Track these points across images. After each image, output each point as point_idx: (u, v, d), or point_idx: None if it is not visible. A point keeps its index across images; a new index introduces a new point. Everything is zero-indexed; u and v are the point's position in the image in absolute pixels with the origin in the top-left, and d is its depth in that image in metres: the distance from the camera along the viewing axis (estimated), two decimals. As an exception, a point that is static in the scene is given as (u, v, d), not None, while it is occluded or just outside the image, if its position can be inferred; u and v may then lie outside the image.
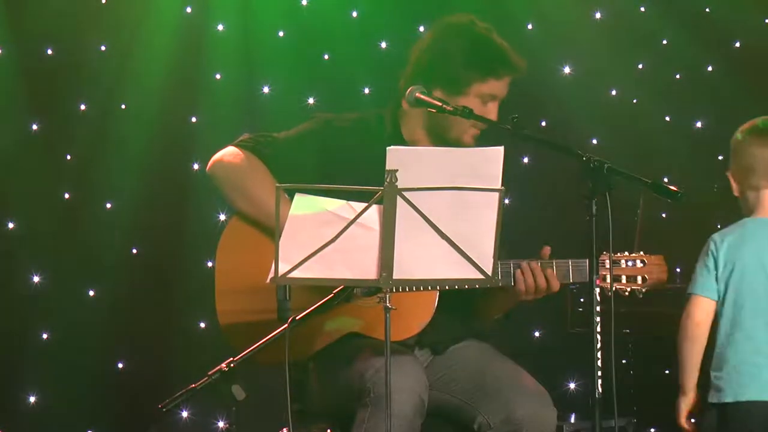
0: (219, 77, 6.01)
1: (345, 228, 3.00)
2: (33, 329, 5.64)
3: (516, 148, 5.28)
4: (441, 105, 3.57)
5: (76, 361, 5.66)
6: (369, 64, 6.00)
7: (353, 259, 3.03)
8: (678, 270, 4.46)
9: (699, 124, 6.11)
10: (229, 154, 3.73)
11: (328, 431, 3.68)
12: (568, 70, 6.37)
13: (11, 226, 5.62)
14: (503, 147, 3.02)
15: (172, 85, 5.82)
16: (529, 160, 6.08)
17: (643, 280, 3.53)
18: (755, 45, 5.86)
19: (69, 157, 5.77)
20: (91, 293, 5.79)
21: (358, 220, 3.01)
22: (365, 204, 2.99)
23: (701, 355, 3.91)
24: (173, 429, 5.83)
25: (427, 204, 3.02)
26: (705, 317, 3.85)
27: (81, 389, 5.64)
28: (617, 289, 3.50)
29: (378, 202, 2.98)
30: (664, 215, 5.56)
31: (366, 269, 3.04)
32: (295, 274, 2.99)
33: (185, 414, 5.79)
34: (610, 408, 3.60)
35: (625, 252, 3.59)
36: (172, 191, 5.70)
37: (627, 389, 5.51)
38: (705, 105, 6.08)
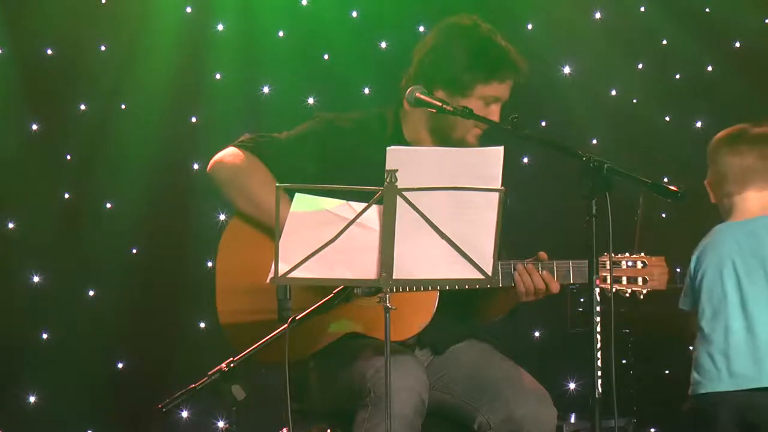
0: (219, 77, 6.01)
1: (345, 228, 3.00)
2: (33, 329, 5.65)
3: (516, 148, 5.29)
4: (441, 105, 3.57)
5: (75, 361, 5.66)
6: (369, 64, 6.00)
7: (353, 259, 3.04)
8: (678, 270, 4.45)
9: (699, 124, 6.11)
10: (230, 154, 3.73)
11: (328, 431, 3.68)
12: (568, 70, 6.38)
13: (11, 226, 5.63)
14: (503, 147, 3.02)
15: (172, 85, 5.82)
16: (529, 160, 6.09)
17: (644, 281, 3.53)
18: (755, 45, 5.87)
19: (69, 157, 5.78)
20: (91, 293, 5.80)
21: (358, 220, 3.01)
22: (365, 204, 3.00)
23: None
24: (173, 429, 5.84)
25: (427, 204, 3.02)
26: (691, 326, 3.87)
27: (81, 389, 5.64)
28: (618, 290, 3.51)
29: (378, 202, 2.99)
30: (663, 215, 5.56)
31: (366, 269, 3.04)
32: (295, 274, 2.99)
33: (185, 414, 5.79)
34: (609, 408, 3.61)
35: (626, 253, 3.59)
36: (172, 191, 5.70)
37: (627, 389, 5.50)
38: (705, 105, 6.09)
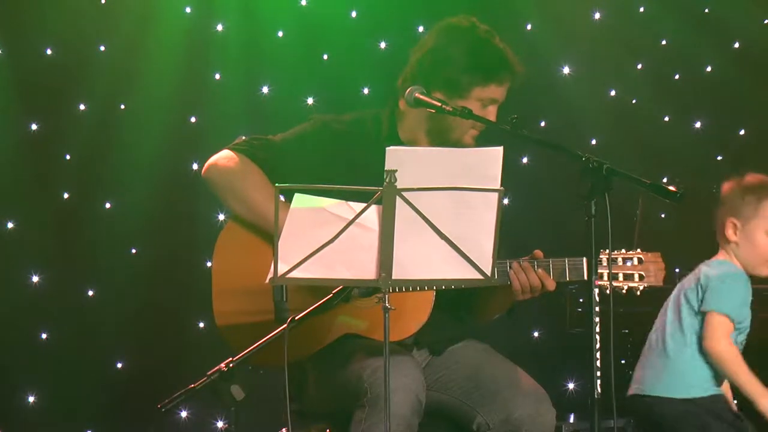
0: (218, 77, 6.01)
1: (344, 228, 3.00)
2: (32, 329, 5.65)
3: (515, 148, 5.29)
4: (440, 105, 3.57)
5: (74, 361, 5.66)
6: (368, 64, 6.01)
7: (352, 260, 3.03)
8: (677, 270, 4.45)
9: (698, 124, 6.11)
10: (224, 157, 3.73)
11: (326, 430, 3.68)
12: (567, 70, 6.38)
13: (10, 226, 5.63)
14: (502, 147, 3.02)
15: (171, 85, 5.83)
16: (529, 160, 6.09)
17: (641, 277, 3.53)
18: (755, 45, 5.87)
19: (68, 157, 5.78)
20: (90, 293, 5.80)
21: (357, 220, 3.01)
22: (364, 204, 3.00)
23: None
24: (172, 429, 5.84)
25: (426, 204, 3.02)
26: None
27: (80, 389, 5.64)
28: (615, 288, 3.50)
29: (377, 202, 2.99)
30: (663, 215, 5.56)
31: (365, 269, 3.04)
32: (294, 274, 2.99)
33: (184, 414, 5.80)
34: (608, 408, 3.62)
35: (622, 250, 3.59)
36: (171, 191, 5.70)
37: (626, 389, 5.50)
38: (704, 105, 6.09)
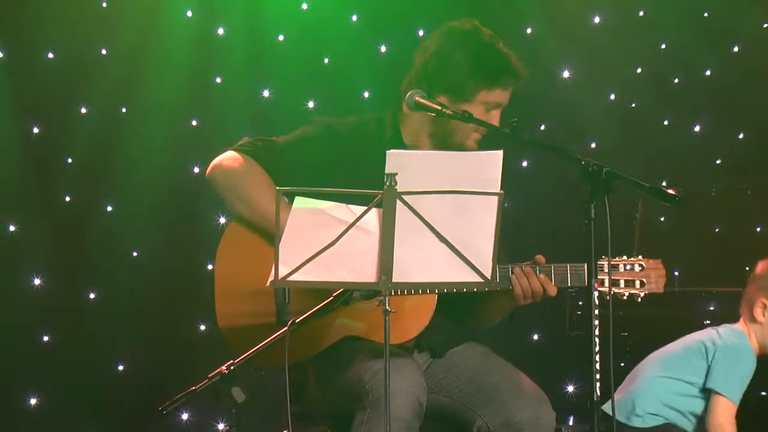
0: (219, 81, 6.02)
1: (344, 231, 3.00)
2: (34, 331, 5.65)
3: (515, 151, 5.29)
4: (440, 109, 3.57)
5: (76, 364, 5.66)
6: (369, 68, 6.01)
7: (353, 263, 3.03)
8: (676, 273, 4.46)
9: (697, 128, 6.11)
10: (228, 158, 3.72)
11: (327, 432, 3.68)
12: (567, 74, 6.38)
13: (12, 228, 5.63)
14: (502, 151, 3.02)
15: (172, 89, 5.83)
16: (529, 163, 6.09)
17: (641, 284, 3.53)
18: (754, 49, 5.87)
19: (70, 160, 5.79)
20: (92, 296, 5.81)
21: (357, 223, 3.01)
22: (365, 207, 3.00)
23: None
24: (173, 431, 5.84)
25: (427, 207, 3.02)
26: None
27: (81, 391, 5.65)
28: (616, 294, 3.50)
29: (377, 205, 2.99)
30: (662, 219, 5.56)
31: (365, 272, 3.04)
32: (295, 277, 2.99)
33: (185, 416, 5.80)
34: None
35: (624, 256, 3.59)
36: (172, 194, 5.70)
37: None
38: (704, 109, 6.09)
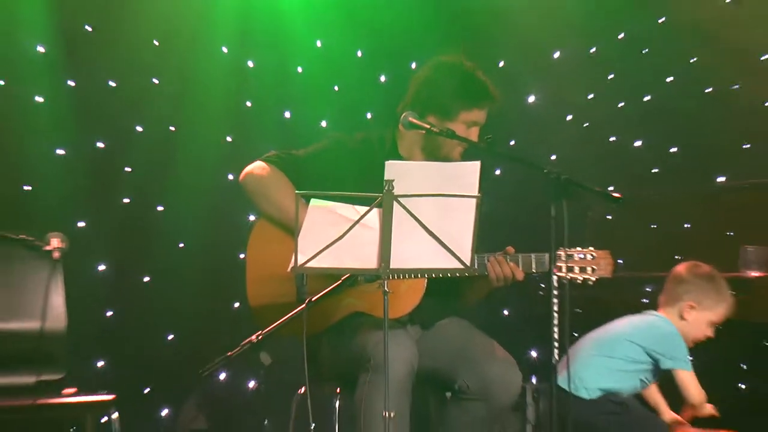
0: (249, 104, 6.02)
1: (351, 227, 3.00)
2: (100, 307, 5.66)
3: (490, 162, 5.29)
4: (429, 127, 3.58)
5: (133, 334, 5.67)
6: (371, 93, 6.01)
7: (357, 252, 3.04)
8: (620, 262, 4.44)
9: (638, 143, 6.11)
10: (257, 167, 3.73)
11: (337, 390, 3.68)
12: (532, 99, 6.38)
13: (81, 225, 5.64)
14: (480, 162, 3.03)
15: (211, 111, 5.82)
16: (501, 172, 6.07)
17: (593, 270, 3.53)
18: (683, 79, 5.87)
19: (128, 169, 5.78)
20: (146, 279, 5.80)
21: (361, 220, 3.02)
22: (367, 207, 3.00)
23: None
24: (213, 389, 5.84)
25: (418, 207, 3.03)
26: None
27: (138, 356, 5.65)
28: (572, 278, 3.51)
29: (378, 206, 3.00)
30: (609, 217, 5.55)
31: (368, 260, 3.06)
32: (311, 264, 3.00)
33: (222, 376, 5.79)
34: (565, 402, 3.65)
35: (578, 247, 3.59)
36: (211, 196, 5.69)
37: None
38: (643, 128, 6.08)
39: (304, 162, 3.73)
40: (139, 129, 5.82)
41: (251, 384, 5.78)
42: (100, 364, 5.61)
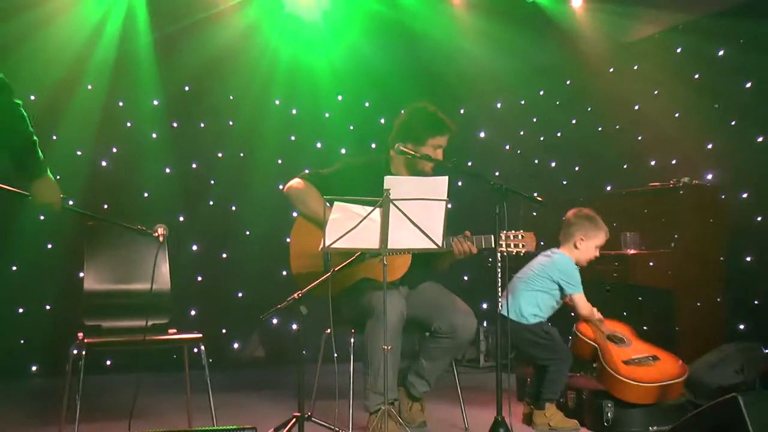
0: (293, 138, 6.00)
1: (361, 221, 2.99)
2: (193, 275, 5.64)
3: (454, 177, 5.25)
4: (413, 154, 3.55)
5: (215, 293, 5.67)
6: (375, 131, 5.97)
7: (366, 237, 3.02)
8: (542, 243, 4.41)
9: (553, 164, 6.05)
10: (296, 182, 3.69)
11: (352, 331, 3.64)
12: (483, 134, 6.35)
13: (181, 218, 5.62)
14: (447, 177, 3.02)
15: (268, 143, 5.81)
16: (462, 183, 6.04)
17: (523, 246, 3.46)
18: (583, 122, 5.82)
19: (212, 182, 5.76)
20: (224, 255, 5.78)
21: (368, 216, 2.99)
22: (372, 207, 2.96)
23: None
24: (269, 330, 5.82)
25: (406, 207, 3.01)
26: None
27: (217, 308, 5.66)
28: (508, 251, 3.44)
29: (379, 206, 2.96)
30: (534, 213, 5.52)
31: (373, 243, 3.03)
32: (335, 245, 2.97)
33: (275, 321, 5.77)
34: (504, 317, 3.58)
35: (513, 230, 3.53)
36: (268, 201, 5.65)
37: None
38: (556, 154, 6.03)
39: (327, 177, 3.69)
40: (220, 155, 5.80)
41: (294, 326, 5.76)
42: (192, 312, 5.58)
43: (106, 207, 5.31)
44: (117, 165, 5.48)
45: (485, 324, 5.76)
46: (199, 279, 5.67)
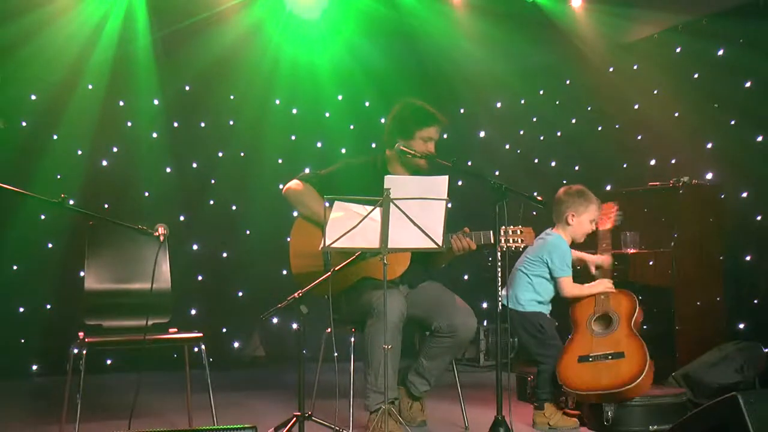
0: (294, 138, 6.00)
1: (361, 220, 2.98)
2: (193, 274, 5.64)
3: (455, 176, 5.23)
4: (412, 152, 3.56)
5: (214, 291, 5.66)
6: (375, 130, 5.95)
7: (366, 236, 3.00)
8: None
9: (553, 163, 6.05)
10: (295, 183, 3.69)
11: (352, 330, 3.63)
12: (482, 134, 6.34)
13: (182, 218, 5.62)
14: (448, 176, 3.02)
15: (269, 142, 5.81)
16: (462, 183, 6.03)
17: (522, 241, 3.45)
18: (583, 121, 5.81)
19: (213, 181, 5.76)
20: (224, 255, 5.78)
21: (368, 215, 2.98)
22: (372, 206, 2.95)
23: None
24: (269, 329, 5.81)
25: (406, 206, 3.00)
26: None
27: (219, 306, 5.65)
28: (507, 246, 3.43)
29: (379, 205, 2.95)
30: (534, 213, 5.50)
31: (373, 242, 3.02)
32: (335, 245, 2.96)
33: (275, 321, 5.76)
34: (505, 316, 3.57)
35: (512, 226, 3.51)
36: (268, 201, 5.63)
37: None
38: (556, 153, 6.02)
39: (327, 177, 3.69)
40: (220, 154, 5.79)
41: (294, 326, 5.75)
42: (193, 312, 5.57)
43: (106, 206, 5.31)
44: (117, 164, 5.47)
45: (485, 323, 5.75)
46: (200, 278, 5.67)
